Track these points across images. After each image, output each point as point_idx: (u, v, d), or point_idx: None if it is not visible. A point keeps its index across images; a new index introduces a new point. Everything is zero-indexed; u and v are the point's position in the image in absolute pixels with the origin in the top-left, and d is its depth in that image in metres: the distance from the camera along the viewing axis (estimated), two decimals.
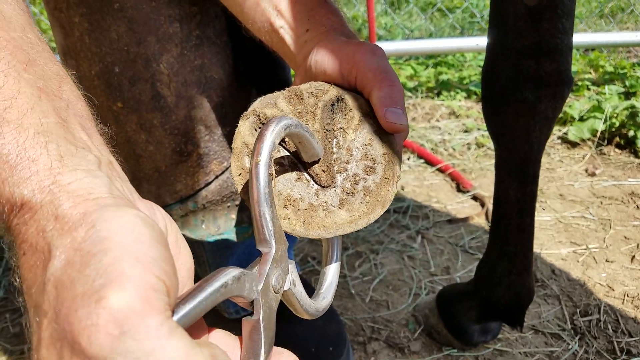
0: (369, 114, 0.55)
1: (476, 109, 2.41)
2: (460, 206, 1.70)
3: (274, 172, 0.53)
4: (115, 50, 0.72)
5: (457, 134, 2.19)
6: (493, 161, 1.97)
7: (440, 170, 1.91)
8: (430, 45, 2.56)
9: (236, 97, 0.81)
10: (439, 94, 2.56)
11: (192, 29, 0.74)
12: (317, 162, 0.53)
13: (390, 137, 0.55)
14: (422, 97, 2.54)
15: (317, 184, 0.53)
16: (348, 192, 0.53)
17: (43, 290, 0.33)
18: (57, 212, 0.35)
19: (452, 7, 3.96)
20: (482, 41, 2.56)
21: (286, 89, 0.56)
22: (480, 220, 1.60)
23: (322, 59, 0.58)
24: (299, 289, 0.45)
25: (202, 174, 0.81)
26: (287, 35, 0.64)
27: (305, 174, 0.53)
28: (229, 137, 0.80)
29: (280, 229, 0.43)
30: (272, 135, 0.43)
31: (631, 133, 1.98)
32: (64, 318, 0.31)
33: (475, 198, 1.73)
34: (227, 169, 0.83)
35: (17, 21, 0.45)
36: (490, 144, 2.08)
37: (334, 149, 0.54)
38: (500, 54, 0.83)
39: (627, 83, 2.42)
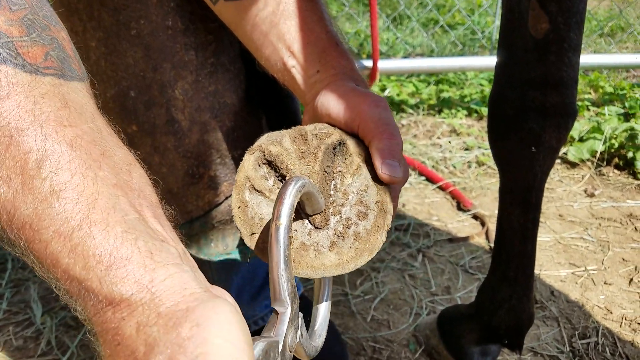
0: (367, 161, 0.57)
1: (477, 127, 2.43)
2: (460, 225, 1.71)
3: (293, 235, 0.54)
4: (131, 75, 0.73)
5: (457, 152, 2.21)
6: (493, 180, 1.99)
7: (441, 188, 1.92)
8: (432, 63, 2.58)
9: (247, 122, 0.83)
10: (440, 112, 2.58)
11: (207, 57, 0.76)
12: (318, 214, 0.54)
13: (387, 186, 0.56)
14: (423, 115, 2.56)
15: (311, 224, 0.55)
16: (339, 235, 0.54)
17: None
18: (160, 310, 0.37)
19: (453, 24, 4.00)
20: (482, 61, 2.59)
21: (292, 128, 0.58)
22: (481, 240, 1.62)
23: (328, 102, 0.60)
24: (305, 338, 0.47)
25: (213, 195, 0.82)
26: (299, 74, 0.66)
27: (301, 213, 0.55)
28: (239, 159, 0.82)
29: (295, 289, 0.45)
30: (290, 198, 0.45)
31: (630, 154, 2.00)
32: None
33: (475, 217, 1.75)
34: None
35: (87, 110, 0.48)
36: (490, 162, 2.10)
37: (331, 192, 0.56)
38: (507, 84, 0.85)
39: (626, 104, 2.45)
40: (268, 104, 0.85)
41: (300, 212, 0.55)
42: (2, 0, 0.46)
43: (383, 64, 2.54)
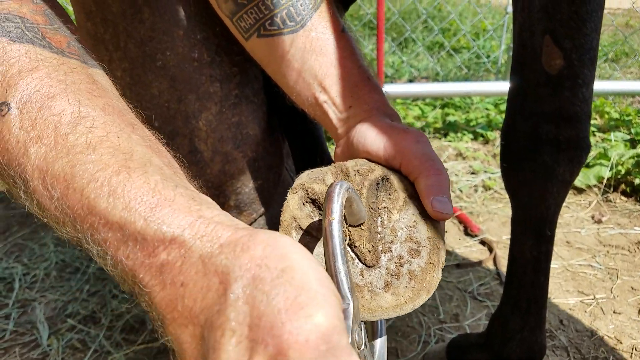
0: (413, 196, 0.56)
1: (483, 151, 2.44)
2: (468, 250, 1.71)
3: (346, 229, 0.53)
4: (156, 106, 0.74)
5: (464, 176, 2.21)
6: (500, 205, 1.99)
7: None
8: (438, 88, 2.61)
9: (269, 152, 0.84)
10: (446, 135, 2.59)
11: (232, 89, 0.77)
12: (362, 238, 0.53)
13: (435, 221, 0.55)
14: (429, 138, 2.57)
15: (362, 262, 0.53)
16: (393, 274, 0.52)
17: (226, 309, 0.34)
18: (221, 242, 0.36)
19: (459, 48, 4.04)
20: (488, 86, 2.61)
21: (332, 164, 0.58)
22: (489, 266, 1.61)
23: (365, 139, 0.61)
24: (370, 351, 0.46)
25: None
26: (331, 110, 0.67)
27: (350, 251, 0.54)
28: (259, 190, 0.83)
29: (354, 285, 0.44)
30: (340, 195, 0.44)
31: (637, 181, 2.01)
32: (267, 331, 0.32)
33: (483, 242, 1.75)
34: (255, 220, 0.84)
35: (112, 91, 0.49)
36: (497, 187, 2.10)
37: (379, 228, 0.54)
38: (520, 116, 0.86)
39: (632, 130, 2.46)
40: (293, 132, 0.86)
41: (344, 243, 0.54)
42: None
43: (390, 88, 2.56)
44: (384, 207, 0.56)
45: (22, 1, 0.47)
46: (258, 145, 0.81)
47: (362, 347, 0.42)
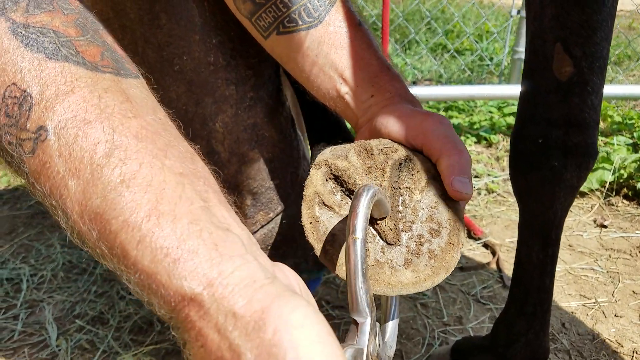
0: (435, 178, 0.57)
1: (486, 154, 2.45)
2: (471, 253, 1.72)
3: (369, 247, 0.54)
4: (174, 109, 0.75)
5: None
6: (503, 208, 2.00)
7: None
8: (440, 91, 2.61)
9: (285, 152, 0.85)
10: None
11: (247, 91, 0.79)
12: (384, 218, 0.54)
13: (456, 203, 0.56)
14: None
15: (383, 240, 0.54)
16: (413, 252, 0.53)
17: None
18: (235, 310, 0.37)
19: (462, 50, 4.05)
20: (492, 89, 2.62)
21: (356, 142, 0.58)
22: (492, 269, 1.63)
23: (388, 122, 0.61)
24: (381, 348, 0.48)
25: (249, 225, 0.84)
26: (352, 100, 0.67)
27: (371, 229, 0.54)
28: (276, 189, 0.84)
29: (372, 299, 0.45)
30: (364, 209, 0.45)
31: (639, 185, 2.02)
32: None
33: (486, 245, 1.76)
34: (272, 219, 0.86)
35: (147, 104, 0.48)
36: (500, 190, 2.11)
37: (400, 207, 0.55)
38: (530, 122, 0.87)
39: (635, 134, 2.47)
40: (312, 127, 0.85)
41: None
42: (54, 4, 0.48)
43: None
44: (406, 187, 0.56)
45: (53, 13, 0.47)
46: (274, 146, 0.83)
47: (375, 355, 0.45)
